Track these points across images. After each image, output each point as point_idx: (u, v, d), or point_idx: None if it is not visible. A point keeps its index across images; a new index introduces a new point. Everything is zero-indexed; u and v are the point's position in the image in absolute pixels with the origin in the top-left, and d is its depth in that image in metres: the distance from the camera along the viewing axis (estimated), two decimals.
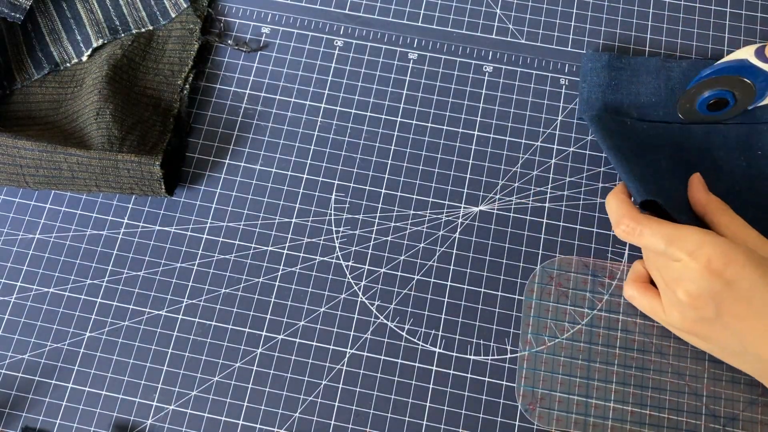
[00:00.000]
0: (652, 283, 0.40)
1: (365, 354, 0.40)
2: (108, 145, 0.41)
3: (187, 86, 0.45)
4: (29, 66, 0.45)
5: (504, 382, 0.40)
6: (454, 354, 0.40)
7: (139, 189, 0.41)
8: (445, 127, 0.45)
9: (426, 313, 0.41)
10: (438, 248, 0.42)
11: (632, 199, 0.38)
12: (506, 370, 0.40)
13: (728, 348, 0.36)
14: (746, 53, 0.40)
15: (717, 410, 0.39)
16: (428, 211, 0.43)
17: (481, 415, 0.39)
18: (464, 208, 0.43)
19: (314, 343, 0.40)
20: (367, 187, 0.44)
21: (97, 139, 0.41)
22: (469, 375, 0.40)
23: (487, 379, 0.40)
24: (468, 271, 0.42)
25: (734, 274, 0.33)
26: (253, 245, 0.42)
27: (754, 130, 0.43)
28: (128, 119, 0.42)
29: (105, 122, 0.41)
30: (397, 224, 0.43)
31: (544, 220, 0.43)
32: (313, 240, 0.42)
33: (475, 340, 0.40)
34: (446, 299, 0.41)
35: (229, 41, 0.47)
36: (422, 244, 0.42)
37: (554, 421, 0.39)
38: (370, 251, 0.42)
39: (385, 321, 0.41)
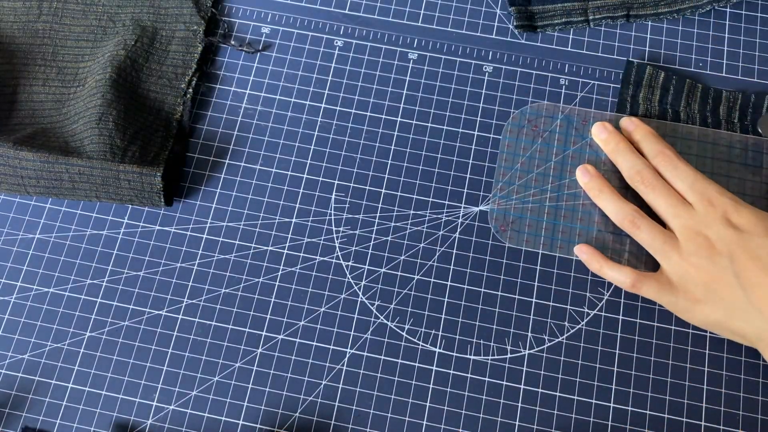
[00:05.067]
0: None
1: (365, 354, 0.40)
2: (110, 155, 0.41)
3: (190, 90, 0.45)
4: None
5: (504, 382, 0.40)
6: (454, 354, 0.40)
7: (138, 201, 0.41)
8: (445, 127, 0.45)
9: (426, 313, 0.41)
10: (438, 248, 0.42)
11: None
12: (506, 370, 0.40)
13: (734, 304, 0.37)
14: None
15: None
16: (428, 211, 0.43)
17: (481, 415, 0.39)
18: (464, 208, 0.43)
19: (314, 343, 0.40)
20: (367, 187, 0.44)
21: (98, 146, 0.41)
22: (469, 375, 0.40)
23: (487, 379, 0.40)
24: (468, 271, 0.42)
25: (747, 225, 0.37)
26: (253, 245, 0.42)
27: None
28: (131, 128, 0.42)
29: (107, 130, 0.41)
30: (397, 224, 0.43)
31: (545, 218, 0.43)
32: (313, 240, 0.42)
33: (474, 340, 0.40)
34: (446, 299, 0.41)
35: (232, 42, 0.47)
36: (422, 244, 0.42)
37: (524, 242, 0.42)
38: (370, 251, 0.42)
39: (385, 321, 0.41)
